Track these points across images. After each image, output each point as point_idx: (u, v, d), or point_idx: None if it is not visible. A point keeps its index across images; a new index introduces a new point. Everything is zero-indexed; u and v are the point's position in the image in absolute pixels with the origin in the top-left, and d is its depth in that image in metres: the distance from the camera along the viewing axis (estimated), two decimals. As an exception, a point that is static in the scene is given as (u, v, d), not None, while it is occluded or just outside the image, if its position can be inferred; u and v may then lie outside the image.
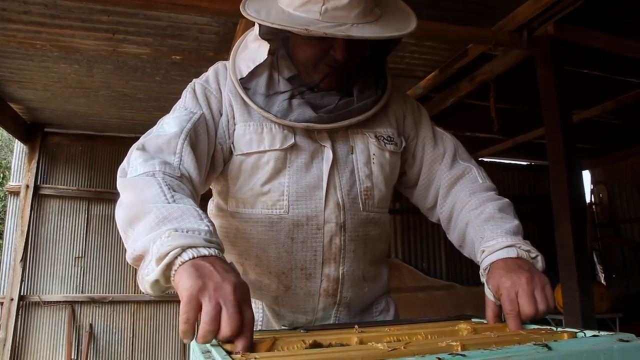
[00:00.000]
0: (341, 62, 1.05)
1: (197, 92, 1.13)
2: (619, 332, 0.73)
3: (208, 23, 3.16)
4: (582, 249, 2.96)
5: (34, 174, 5.34)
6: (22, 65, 3.83)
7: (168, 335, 5.60)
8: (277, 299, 1.12)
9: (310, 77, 1.10)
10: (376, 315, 1.23)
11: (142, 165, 0.91)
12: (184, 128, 1.01)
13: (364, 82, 1.17)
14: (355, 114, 1.12)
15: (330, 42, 1.04)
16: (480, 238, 1.05)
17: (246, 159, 1.10)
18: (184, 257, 0.73)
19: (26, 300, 5.18)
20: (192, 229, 0.77)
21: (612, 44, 3.35)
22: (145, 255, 0.78)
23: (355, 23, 1.01)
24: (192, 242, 0.75)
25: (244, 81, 1.13)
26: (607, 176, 7.49)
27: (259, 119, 1.11)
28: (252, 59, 1.14)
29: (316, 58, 1.07)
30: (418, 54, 3.73)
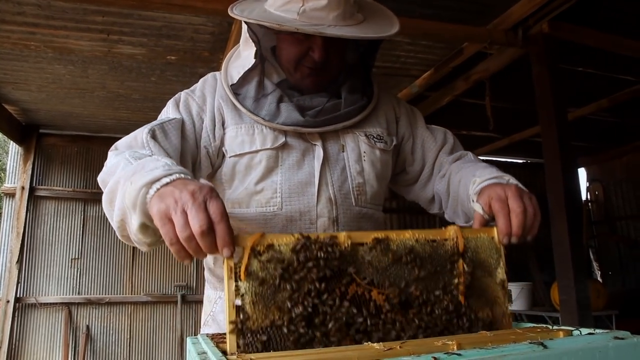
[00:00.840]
0: (319, 62, 1.10)
1: (177, 101, 1.19)
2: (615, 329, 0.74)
3: (203, 23, 3.15)
4: (578, 247, 2.97)
5: (30, 175, 5.31)
6: (17, 67, 3.81)
7: (165, 336, 5.59)
8: None
9: (294, 78, 1.16)
10: None
11: (113, 159, 0.99)
12: (150, 125, 1.07)
13: (352, 85, 1.21)
14: (342, 120, 1.17)
15: (309, 43, 1.09)
16: (472, 176, 1.09)
17: (239, 160, 1.14)
18: (151, 192, 0.80)
19: (22, 302, 5.16)
20: (151, 168, 0.84)
21: (607, 42, 3.36)
22: (125, 215, 0.85)
23: (333, 25, 1.06)
24: (152, 177, 0.81)
25: (235, 87, 1.18)
26: (603, 174, 7.52)
27: (250, 121, 1.15)
28: (242, 66, 1.19)
29: (296, 59, 1.12)
30: (413, 53, 3.73)
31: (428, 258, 0.87)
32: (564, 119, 3.16)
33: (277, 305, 0.76)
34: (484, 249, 0.93)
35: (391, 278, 0.84)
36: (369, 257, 0.83)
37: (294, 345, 0.75)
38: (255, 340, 0.74)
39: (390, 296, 0.82)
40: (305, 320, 0.76)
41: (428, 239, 0.88)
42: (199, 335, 0.87)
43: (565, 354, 0.63)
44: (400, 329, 0.81)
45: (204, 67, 3.75)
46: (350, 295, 0.80)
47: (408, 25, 3.01)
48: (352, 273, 0.81)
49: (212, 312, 1.24)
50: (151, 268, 5.71)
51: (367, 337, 0.78)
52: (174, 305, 5.64)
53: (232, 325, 0.74)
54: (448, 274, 0.88)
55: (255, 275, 0.77)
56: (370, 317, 0.80)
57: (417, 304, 0.84)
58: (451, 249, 0.89)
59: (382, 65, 3.91)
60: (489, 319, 0.89)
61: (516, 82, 4.06)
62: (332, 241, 0.81)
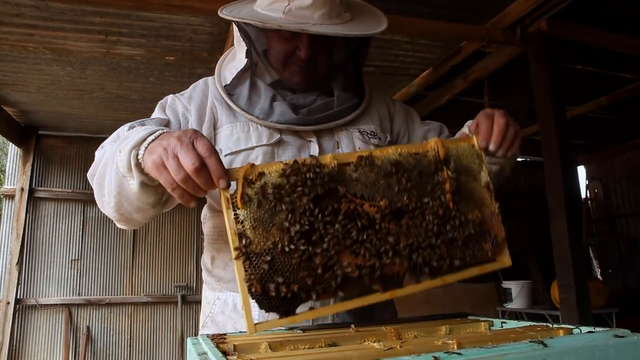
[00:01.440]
0: (305, 60, 1.12)
1: (164, 103, 1.22)
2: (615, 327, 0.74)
3: (201, 23, 3.15)
4: (577, 245, 2.98)
5: (29, 176, 5.31)
6: (15, 68, 3.81)
7: (165, 337, 5.59)
8: None
9: (284, 77, 1.18)
10: (376, 310, 1.22)
11: (99, 153, 1.06)
12: (129, 123, 1.09)
13: (344, 84, 1.24)
14: (335, 118, 1.19)
15: (296, 42, 1.12)
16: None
17: (235, 157, 1.15)
18: (141, 151, 0.85)
19: (23, 303, 5.16)
20: (135, 135, 0.88)
21: (605, 39, 3.36)
22: (121, 187, 0.92)
23: (319, 23, 1.08)
24: (139, 139, 0.86)
25: (229, 87, 1.20)
26: (602, 172, 7.52)
27: (245, 120, 1.17)
28: (236, 67, 1.21)
29: (284, 57, 1.15)
30: (412, 52, 3.73)
31: (413, 169, 0.91)
32: (563, 117, 3.17)
33: (276, 227, 0.80)
34: (466, 156, 0.98)
35: (380, 191, 0.87)
36: (356, 175, 0.87)
37: (298, 262, 0.79)
38: (261, 262, 0.78)
39: (382, 207, 0.86)
40: (304, 238, 0.80)
41: (411, 152, 0.93)
42: (199, 336, 0.87)
43: (565, 352, 0.63)
44: (395, 239, 0.85)
45: (203, 68, 3.75)
46: (343, 211, 0.84)
47: (406, 24, 3.01)
48: (342, 191, 0.85)
49: (211, 314, 1.22)
50: (151, 268, 5.71)
51: (365, 249, 0.83)
52: (174, 305, 5.64)
53: (236, 251, 0.78)
54: (434, 182, 0.92)
55: (251, 202, 0.81)
56: (365, 229, 0.83)
57: (408, 212, 0.88)
58: (434, 158, 0.94)
59: (381, 64, 3.91)
60: (478, 219, 0.94)
61: (515, 81, 4.06)
62: (318, 163, 0.85)
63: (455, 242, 0.90)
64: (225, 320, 1.17)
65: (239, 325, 1.13)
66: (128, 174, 0.89)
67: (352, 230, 0.83)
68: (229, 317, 1.17)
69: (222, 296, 1.20)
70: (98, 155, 1.07)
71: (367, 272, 0.82)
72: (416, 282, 0.87)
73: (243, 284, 0.77)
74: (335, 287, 0.80)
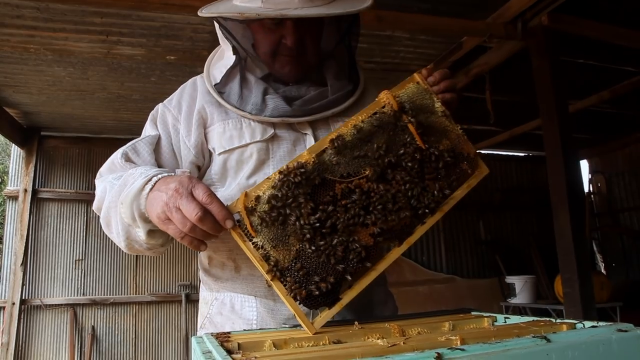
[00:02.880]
0: (293, 48, 1.09)
1: (154, 116, 1.21)
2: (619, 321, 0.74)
3: (202, 22, 3.15)
4: (581, 239, 2.97)
5: (32, 177, 5.33)
6: (17, 70, 3.82)
7: (170, 336, 5.61)
8: (272, 292, 1.10)
9: (274, 69, 1.15)
10: (376, 307, 1.22)
11: (100, 186, 1.10)
12: (123, 148, 1.13)
13: (337, 72, 1.21)
14: (330, 107, 1.17)
15: (281, 31, 1.09)
16: None
17: (229, 155, 1.13)
18: (142, 203, 0.90)
19: (28, 304, 5.19)
20: (132, 182, 0.93)
21: (607, 33, 3.35)
22: (129, 233, 0.97)
23: (300, 7, 1.04)
24: (136, 189, 0.90)
25: (219, 86, 1.18)
26: (605, 165, 7.50)
27: (237, 116, 1.15)
28: (225, 65, 1.19)
29: (271, 49, 1.12)
30: (412, 48, 3.72)
31: (379, 129, 0.99)
32: (565, 112, 3.16)
33: (292, 237, 0.88)
34: (416, 95, 1.07)
35: (361, 162, 0.96)
36: (336, 158, 0.95)
37: (325, 257, 0.87)
38: (294, 272, 0.86)
39: (369, 176, 0.94)
40: (319, 235, 0.88)
41: (369, 115, 1.00)
42: (204, 334, 0.88)
43: (568, 347, 0.64)
44: (391, 197, 0.94)
45: (203, 66, 3.74)
46: (339, 195, 0.92)
47: (407, 20, 3.00)
48: (330, 177, 0.93)
49: (209, 315, 1.20)
50: (155, 268, 5.72)
51: (370, 219, 0.91)
52: (179, 304, 5.66)
53: (269, 274, 0.85)
54: (400, 131, 1.01)
55: (261, 226, 0.87)
56: (364, 201, 0.92)
57: (390, 169, 0.96)
58: (391, 111, 1.01)
59: (382, 61, 3.90)
60: (449, 146, 1.03)
61: (516, 75, 4.05)
62: (300, 164, 0.91)
63: (439, 175, 1.00)
64: (223, 321, 1.15)
65: (237, 325, 1.12)
66: (133, 224, 0.94)
67: (354, 208, 0.91)
68: (227, 317, 1.15)
69: (220, 296, 1.18)
70: (99, 188, 1.10)
71: (381, 236, 0.92)
72: (422, 223, 0.97)
73: (288, 299, 0.84)
74: (362, 261, 0.89)
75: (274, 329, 0.95)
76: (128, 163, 1.09)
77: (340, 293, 0.88)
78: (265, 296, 1.12)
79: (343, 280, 0.89)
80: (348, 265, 0.88)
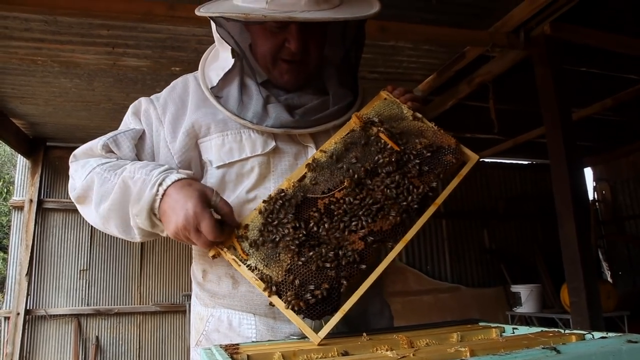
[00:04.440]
0: (296, 53, 1.04)
1: (137, 108, 1.16)
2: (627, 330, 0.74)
3: (206, 34, 3.18)
4: (586, 248, 2.96)
5: (37, 188, 5.35)
6: (24, 81, 3.86)
7: (174, 345, 5.60)
8: (273, 310, 1.05)
9: (273, 76, 1.09)
10: (371, 317, 1.16)
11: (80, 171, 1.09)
12: (104, 138, 1.10)
13: (339, 81, 1.16)
14: (333, 118, 1.13)
15: (284, 35, 1.03)
16: None
17: (228, 169, 1.09)
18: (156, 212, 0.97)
19: (32, 314, 5.19)
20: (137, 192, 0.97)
21: (609, 41, 3.36)
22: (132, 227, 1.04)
23: (306, 10, 0.99)
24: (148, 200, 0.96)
25: (216, 90, 1.12)
26: (609, 173, 7.48)
27: (236, 127, 1.09)
28: (222, 68, 1.12)
29: (272, 53, 1.05)
30: (415, 58, 3.74)
31: (352, 145, 1.06)
32: (569, 120, 3.16)
33: (282, 252, 0.93)
34: (383, 108, 1.14)
35: (339, 177, 1.01)
36: (315, 180, 1.01)
37: (316, 268, 0.90)
38: (289, 284, 0.89)
39: (348, 186, 0.99)
40: (307, 247, 0.92)
41: (342, 136, 1.07)
42: (212, 346, 0.88)
43: (578, 358, 0.64)
44: (375, 200, 0.98)
45: (208, 77, 3.77)
46: (323, 209, 0.97)
47: (410, 31, 3.02)
48: (311, 196, 0.98)
49: (205, 332, 1.13)
50: (159, 278, 5.72)
51: (356, 223, 0.95)
52: (183, 314, 5.64)
53: (266, 291, 0.89)
54: (374, 142, 1.06)
55: (252, 249, 0.94)
56: (347, 210, 0.97)
57: (370, 176, 1.01)
58: (360, 128, 1.08)
59: (385, 70, 3.92)
60: (426, 143, 1.07)
61: (520, 84, 4.06)
62: (280, 191, 0.99)
63: (423, 170, 1.03)
64: (220, 338, 1.09)
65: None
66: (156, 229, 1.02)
67: (338, 217, 0.96)
68: (224, 335, 1.09)
69: (216, 313, 1.11)
70: (80, 173, 1.08)
71: (371, 238, 0.94)
72: (413, 220, 0.99)
73: (288, 311, 0.88)
74: (355, 264, 0.92)
75: (282, 341, 0.95)
76: (108, 154, 1.08)
77: (340, 300, 0.88)
78: (265, 314, 1.07)
79: (339, 285, 0.89)
80: (340, 270, 0.91)
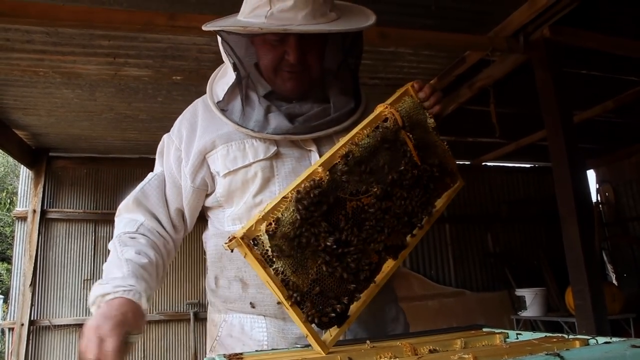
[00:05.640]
0: (295, 64, 1.10)
1: (160, 150, 1.26)
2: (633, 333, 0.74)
3: (207, 43, 3.20)
4: (590, 251, 2.95)
5: (40, 198, 5.36)
6: (26, 93, 3.88)
7: (179, 355, 5.58)
8: (282, 310, 1.07)
9: (276, 86, 1.15)
10: (388, 324, 1.21)
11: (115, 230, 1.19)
12: (134, 192, 1.21)
13: (339, 90, 1.20)
14: (333, 125, 1.17)
15: (283, 47, 1.10)
16: None
17: (234, 177, 1.14)
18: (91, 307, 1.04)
19: (36, 324, 5.18)
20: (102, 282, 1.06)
21: (609, 44, 3.36)
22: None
23: (303, 24, 1.06)
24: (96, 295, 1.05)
25: (222, 104, 1.18)
26: (612, 175, 7.45)
27: (240, 137, 1.15)
28: (227, 83, 1.19)
29: (274, 64, 1.12)
30: (416, 63, 3.75)
31: (382, 143, 1.01)
32: (570, 123, 3.16)
33: (309, 259, 0.88)
34: (412, 110, 1.10)
35: (369, 179, 0.98)
36: (345, 175, 0.95)
37: (339, 278, 0.88)
38: (313, 296, 0.86)
39: (377, 194, 0.97)
40: (335, 256, 0.89)
41: (372, 128, 1.02)
42: (216, 355, 0.88)
43: (582, 364, 0.63)
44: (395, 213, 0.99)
45: (209, 86, 3.79)
46: (350, 214, 0.94)
47: (410, 36, 3.03)
48: (342, 195, 0.94)
49: (218, 337, 1.19)
50: (163, 286, 5.71)
51: (381, 234, 0.95)
52: (187, 323, 5.63)
53: (288, 300, 0.83)
54: (399, 147, 1.04)
55: (282, 251, 0.84)
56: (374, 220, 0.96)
57: (392, 186, 1.00)
58: (394, 126, 1.04)
59: (386, 76, 3.93)
60: (437, 161, 1.10)
61: (520, 87, 4.06)
62: (314, 183, 0.90)
63: (429, 189, 1.07)
64: (233, 343, 1.14)
65: (247, 347, 1.11)
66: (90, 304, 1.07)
67: (367, 227, 0.95)
68: (237, 339, 1.14)
69: (229, 318, 1.17)
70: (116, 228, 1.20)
71: (384, 252, 0.96)
72: (412, 236, 1.03)
73: (306, 324, 0.83)
74: (370, 278, 0.94)
75: (286, 350, 0.95)
76: (139, 208, 1.19)
77: (349, 310, 0.89)
78: (274, 316, 1.12)
79: (354, 299, 0.90)
80: (359, 283, 0.90)
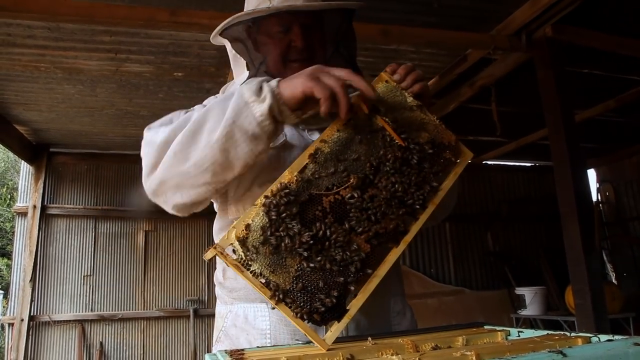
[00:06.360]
0: (303, 49, 1.14)
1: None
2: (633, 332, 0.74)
3: (209, 39, 3.18)
4: (591, 250, 2.95)
5: (41, 194, 5.37)
6: (27, 88, 3.88)
7: (179, 351, 5.59)
8: None
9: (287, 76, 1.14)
10: (393, 317, 1.21)
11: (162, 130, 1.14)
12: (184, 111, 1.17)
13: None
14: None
15: (289, 37, 1.14)
16: None
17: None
18: (272, 83, 0.96)
19: (36, 320, 5.19)
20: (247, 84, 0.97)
21: (611, 43, 3.36)
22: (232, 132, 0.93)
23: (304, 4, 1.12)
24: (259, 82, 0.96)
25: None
26: (613, 174, 7.45)
27: None
28: (238, 84, 1.23)
29: (282, 56, 1.16)
30: (417, 61, 3.74)
31: (356, 134, 0.98)
32: (572, 122, 3.16)
33: (288, 258, 0.87)
34: (387, 94, 1.06)
35: (344, 171, 0.94)
36: (317, 173, 0.93)
37: (324, 272, 0.87)
38: (297, 292, 0.85)
39: (354, 184, 0.93)
40: (315, 252, 0.87)
41: (345, 122, 0.98)
42: (217, 351, 0.88)
43: (585, 361, 0.63)
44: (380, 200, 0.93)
45: (211, 83, 3.79)
46: (329, 208, 0.91)
47: (412, 34, 3.03)
48: (316, 192, 0.91)
49: (224, 328, 1.22)
50: (163, 283, 5.72)
51: (363, 226, 0.91)
52: (187, 319, 5.64)
53: (273, 300, 0.84)
54: (378, 133, 0.99)
55: (257, 254, 0.86)
56: (356, 210, 0.92)
57: (374, 173, 0.96)
58: (363, 115, 1.00)
59: (387, 74, 3.93)
60: (428, 138, 1.03)
61: (522, 86, 4.06)
62: (283, 185, 0.90)
63: (424, 169, 1.00)
64: (238, 333, 1.16)
65: (251, 336, 1.12)
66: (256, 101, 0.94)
67: (344, 217, 0.91)
68: (241, 329, 1.16)
69: (234, 309, 1.19)
70: (159, 130, 1.15)
71: (376, 240, 0.92)
72: (415, 220, 0.97)
73: (297, 320, 0.84)
74: (362, 268, 0.89)
75: (287, 345, 0.95)
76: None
77: (346, 304, 0.88)
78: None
79: (346, 291, 0.89)
80: (349, 275, 0.88)
